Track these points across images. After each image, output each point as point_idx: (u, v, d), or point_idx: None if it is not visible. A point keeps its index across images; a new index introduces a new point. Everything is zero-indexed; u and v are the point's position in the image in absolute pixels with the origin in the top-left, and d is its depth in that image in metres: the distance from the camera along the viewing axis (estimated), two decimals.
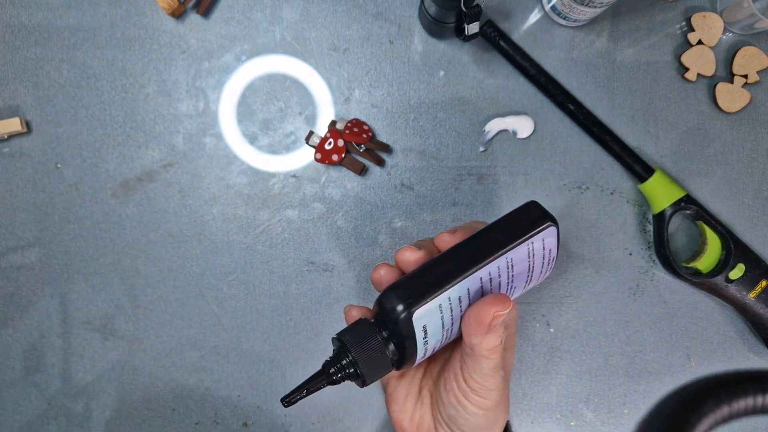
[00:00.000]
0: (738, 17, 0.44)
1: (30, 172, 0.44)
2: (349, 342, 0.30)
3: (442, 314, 0.30)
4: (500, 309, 0.30)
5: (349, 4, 0.45)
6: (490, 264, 0.30)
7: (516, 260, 0.31)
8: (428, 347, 0.31)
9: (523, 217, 0.32)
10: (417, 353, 0.31)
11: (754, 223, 0.45)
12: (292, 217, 0.45)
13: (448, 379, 0.34)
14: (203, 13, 0.44)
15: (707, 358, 0.46)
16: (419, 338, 0.30)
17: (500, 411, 0.35)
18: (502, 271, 0.31)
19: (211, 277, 0.45)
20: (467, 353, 0.32)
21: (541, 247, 0.32)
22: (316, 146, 0.43)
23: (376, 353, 0.30)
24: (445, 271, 0.30)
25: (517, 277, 0.32)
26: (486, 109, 0.45)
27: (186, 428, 0.44)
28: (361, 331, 0.30)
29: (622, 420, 0.45)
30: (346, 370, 0.30)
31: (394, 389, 0.38)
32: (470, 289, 0.30)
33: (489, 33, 0.43)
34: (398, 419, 0.38)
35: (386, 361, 0.30)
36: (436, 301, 0.29)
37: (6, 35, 0.44)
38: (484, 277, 0.30)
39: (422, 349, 0.31)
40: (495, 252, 0.30)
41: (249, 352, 0.45)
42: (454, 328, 0.32)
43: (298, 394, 0.29)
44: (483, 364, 0.32)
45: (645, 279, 0.46)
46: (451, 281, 0.30)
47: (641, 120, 0.45)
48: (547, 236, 0.32)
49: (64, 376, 0.44)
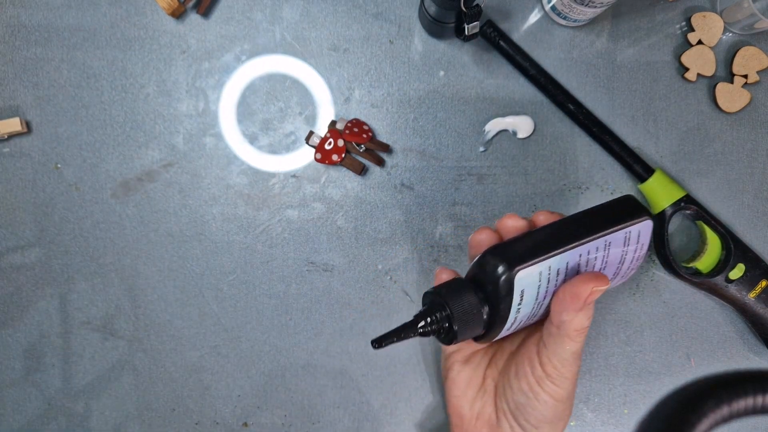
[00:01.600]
0: (738, 17, 0.44)
1: (30, 172, 0.44)
2: (447, 296, 0.30)
3: (539, 282, 0.30)
4: (598, 285, 0.29)
5: (349, 4, 0.45)
6: (590, 242, 0.30)
7: (613, 246, 0.31)
8: (517, 318, 0.31)
9: (621, 207, 0.32)
10: (507, 320, 0.30)
11: (754, 223, 0.45)
12: (292, 217, 0.45)
13: (521, 365, 0.34)
14: (203, 13, 0.44)
15: (707, 358, 0.46)
16: (515, 302, 0.29)
17: (567, 407, 0.34)
18: (599, 253, 0.31)
19: (211, 277, 0.45)
20: (551, 334, 0.31)
21: (636, 239, 0.32)
22: (316, 146, 0.43)
23: (473, 310, 0.30)
24: (548, 240, 0.30)
25: (610, 266, 0.32)
26: (486, 109, 0.45)
27: (186, 428, 0.44)
28: (458, 288, 0.30)
29: (622, 420, 0.45)
30: (441, 323, 0.30)
31: (456, 374, 0.38)
32: (569, 263, 0.30)
33: (489, 33, 0.43)
34: (457, 405, 0.37)
35: (480, 321, 0.30)
36: (538, 266, 0.29)
37: (6, 35, 0.44)
38: (583, 254, 0.31)
39: (513, 316, 0.30)
40: (597, 231, 0.31)
41: (249, 352, 0.45)
42: (544, 303, 0.31)
43: (389, 339, 0.29)
44: (566, 346, 0.31)
45: (645, 279, 0.46)
46: (554, 250, 0.30)
47: (641, 120, 0.45)
48: (643, 229, 0.32)
49: (64, 376, 0.44)
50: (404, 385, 0.45)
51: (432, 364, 0.45)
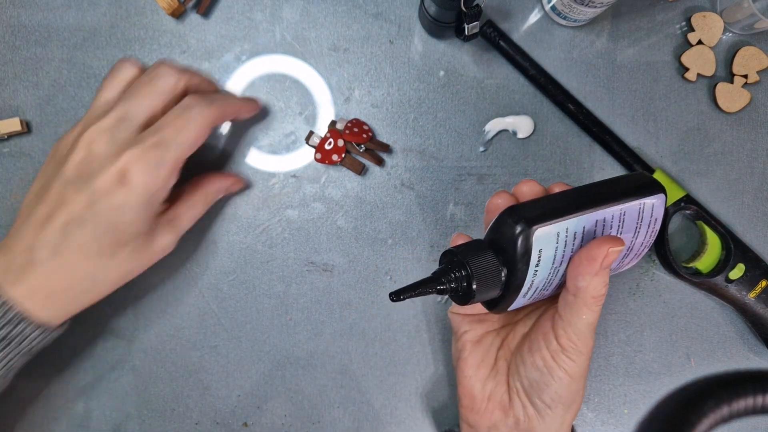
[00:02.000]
0: (738, 17, 0.44)
1: (30, 172, 0.44)
2: (467, 255, 0.30)
3: (557, 245, 0.30)
4: (614, 246, 0.29)
5: (349, 4, 0.45)
6: (606, 209, 0.31)
7: (627, 217, 0.32)
8: (534, 283, 0.31)
9: (636, 180, 0.33)
10: (524, 284, 0.30)
11: (754, 223, 0.45)
12: (292, 217, 0.45)
13: (535, 340, 0.33)
14: (203, 13, 0.44)
15: (707, 358, 0.46)
16: (532, 262, 0.29)
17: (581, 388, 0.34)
18: (614, 222, 0.31)
19: (211, 277, 0.45)
20: (567, 303, 0.31)
21: (650, 213, 0.32)
22: (317, 146, 0.43)
23: (492, 270, 0.30)
24: (565, 203, 0.30)
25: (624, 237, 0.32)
26: (486, 109, 0.45)
27: (186, 428, 0.44)
28: (478, 248, 0.30)
29: (622, 420, 0.45)
30: (459, 282, 0.30)
31: (468, 354, 0.37)
32: (585, 228, 0.30)
33: (489, 33, 0.43)
34: (469, 386, 0.37)
35: (498, 281, 0.30)
36: (555, 226, 0.29)
37: (6, 35, 0.44)
38: (599, 220, 0.31)
39: (529, 280, 0.30)
40: (613, 200, 0.31)
41: (249, 352, 0.45)
42: (560, 270, 0.31)
43: (408, 293, 0.29)
44: (582, 316, 0.31)
45: (645, 279, 0.46)
46: (572, 212, 0.30)
47: (641, 120, 0.45)
48: (657, 204, 0.32)
49: (64, 376, 0.44)
50: (404, 385, 0.45)
51: (432, 365, 0.45)
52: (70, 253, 0.34)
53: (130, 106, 0.35)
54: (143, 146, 0.33)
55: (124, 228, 0.34)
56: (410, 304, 0.45)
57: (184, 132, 0.35)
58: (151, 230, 0.37)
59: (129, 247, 0.36)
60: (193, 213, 0.40)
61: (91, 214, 0.33)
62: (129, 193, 0.33)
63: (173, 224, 0.38)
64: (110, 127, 0.34)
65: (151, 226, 0.36)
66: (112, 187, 0.33)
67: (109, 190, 0.33)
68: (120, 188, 0.33)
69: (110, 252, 0.35)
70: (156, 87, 0.36)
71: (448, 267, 0.30)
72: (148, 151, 0.33)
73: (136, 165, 0.33)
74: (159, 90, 0.36)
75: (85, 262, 0.34)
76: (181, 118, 0.35)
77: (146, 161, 0.33)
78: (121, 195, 0.33)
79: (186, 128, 0.35)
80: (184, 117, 0.35)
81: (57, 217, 0.34)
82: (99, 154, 0.34)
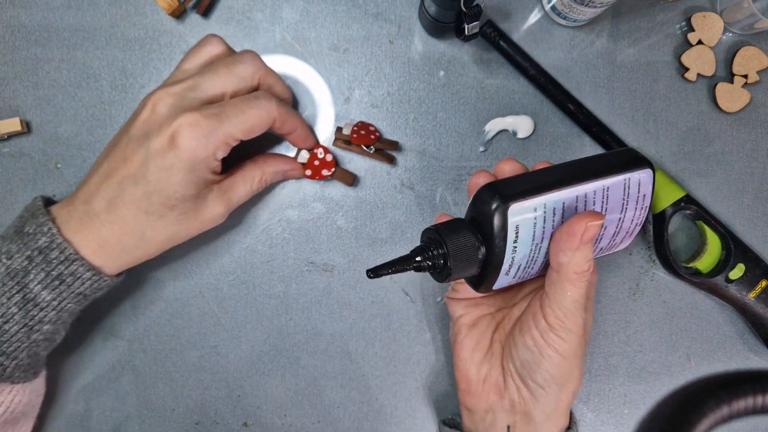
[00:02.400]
0: (738, 17, 0.44)
1: (30, 172, 0.44)
2: (445, 233, 0.30)
3: (535, 221, 0.30)
4: (593, 219, 0.29)
5: (349, 4, 0.45)
6: (587, 184, 0.30)
7: (612, 192, 0.31)
8: (515, 260, 0.31)
9: (622, 156, 0.32)
10: (504, 260, 0.30)
11: (754, 223, 0.45)
12: (292, 217, 0.45)
13: (525, 320, 0.34)
14: (203, 13, 0.44)
15: (707, 358, 0.46)
16: (510, 239, 0.30)
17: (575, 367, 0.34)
18: (597, 198, 0.31)
19: (211, 277, 0.45)
20: (552, 281, 0.31)
21: (637, 189, 0.32)
22: (306, 163, 0.43)
23: (468, 246, 0.30)
24: (544, 179, 0.31)
25: (610, 213, 0.32)
26: (486, 109, 0.45)
27: (186, 428, 0.44)
28: (456, 226, 0.31)
29: (622, 420, 0.45)
30: (437, 260, 0.30)
31: (464, 337, 0.38)
32: (565, 204, 0.30)
33: (489, 33, 0.43)
34: (464, 369, 0.38)
35: (475, 259, 0.30)
36: (532, 202, 0.29)
37: (6, 35, 0.44)
38: (580, 196, 0.31)
39: (509, 257, 0.30)
40: (595, 175, 0.31)
41: (249, 352, 0.45)
42: (542, 247, 0.31)
43: (385, 270, 0.30)
44: (567, 292, 0.31)
45: (645, 279, 0.46)
46: (550, 188, 0.30)
47: (641, 120, 0.45)
48: (644, 179, 0.32)
49: (65, 376, 0.44)
50: (404, 385, 0.45)
51: (433, 365, 0.45)
52: (123, 207, 0.35)
53: (203, 80, 0.36)
54: (200, 114, 0.34)
55: (173, 190, 0.35)
56: (410, 304, 0.45)
57: (244, 115, 0.36)
58: (201, 197, 0.37)
59: (177, 210, 0.36)
60: (247, 188, 0.40)
61: (144, 173, 0.34)
62: (176, 156, 0.34)
63: (226, 196, 0.39)
64: (178, 93, 0.35)
65: (201, 192, 0.37)
66: (164, 148, 0.34)
67: (160, 151, 0.34)
68: (170, 150, 0.34)
69: (159, 212, 0.36)
70: (234, 70, 0.37)
71: (425, 245, 0.31)
72: (203, 120, 0.34)
73: (187, 129, 0.34)
74: (236, 74, 0.37)
75: (135, 218, 0.35)
76: (246, 103, 0.36)
77: (198, 127, 0.34)
78: (169, 157, 0.34)
79: (247, 113, 0.36)
80: (248, 103, 0.36)
81: (117, 173, 0.35)
82: (161, 116, 0.35)
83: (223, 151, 0.36)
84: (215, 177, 0.38)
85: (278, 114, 0.37)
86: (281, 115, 0.38)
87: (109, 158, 0.36)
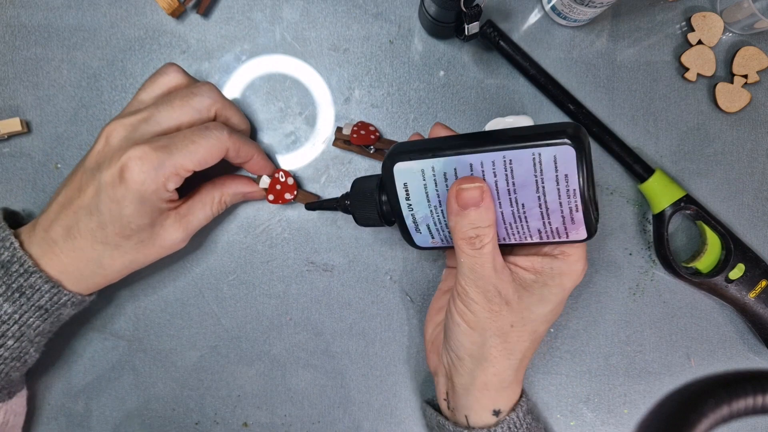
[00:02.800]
0: (738, 17, 0.44)
1: (30, 173, 0.44)
2: (358, 181, 0.37)
3: (424, 182, 0.32)
4: (464, 183, 0.30)
5: (349, 4, 0.45)
6: (481, 153, 0.30)
7: (516, 165, 0.29)
8: (417, 219, 0.34)
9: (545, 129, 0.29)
10: (404, 216, 0.34)
11: (753, 223, 0.45)
12: (292, 217, 0.45)
13: None
14: (203, 13, 0.44)
15: (707, 358, 0.46)
16: (401, 195, 0.33)
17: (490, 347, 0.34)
18: (498, 169, 0.30)
19: (211, 277, 0.45)
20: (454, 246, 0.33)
21: (552, 167, 0.28)
22: (268, 188, 0.43)
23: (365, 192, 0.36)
24: (439, 144, 0.31)
25: (522, 191, 0.30)
26: (486, 109, 0.45)
27: (186, 428, 0.44)
28: (369, 177, 0.37)
29: (622, 420, 0.45)
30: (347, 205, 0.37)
31: (435, 299, 0.42)
32: (458, 170, 0.31)
33: (489, 33, 0.43)
34: (424, 329, 0.42)
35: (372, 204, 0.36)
36: (418, 163, 0.31)
37: (6, 35, 0.44)
38: (475, 164, 0.30)
39: (408, 214, 0.34)
40: (491, 144, 0.29)
41: (249, 352, 0.45)
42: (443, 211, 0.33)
43: (317, 207, 0.40)
44: (461, 258, 0.32)
45: (645, 279, 0.46)
46: (439, 152, 0.31)
47: (641, 120, 0.45)
48: (562, 156, 0.28)
49: (64, 376, 0.44)
50: (404, 385, 0.45)
51: None
52: (80, 237, 0.35)
53: (158, 112, 0.36)
54: (149, 146, 0.34)
55: (126, 221, 0.35)
56: (410, 304, 0.45)
57: (194, 145, 0.35)
58: (158, 224, 0.37)
59: (133, 239, 0.36)
60: (206, 212, 0.40)
61: (97, 204, 0.34)
62: (125, 188, 0.34)
63: (185, 220, 0.39)
64: (131, 124, 0.35)
65: (157, 220, 0.37)
66: (114, 180, 0.34)
67: (111, 183, 0.34)
68: (120, 183, 0.34)
69: (114, 242, 0.36)
70: (190, 102, 0.37)
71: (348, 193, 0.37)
72: (152, 152, 0.34)
73: (136, 162, 0.33)
74: (192, 106, 0.37)
75: (91, 247, 0.36)
76: (196, 134, 0.36)
77: (146, 160, 0.33)
78: (120, 190, 0.34)
79: (197, 143, 0.35)
80: (199, 133, 0.36)
81: (73, 203, 0.35)
82: (112, 147, 0.35)
83: (175, 182, 0.35)
84: (170, 204, 0.37)
85: (231, 144, 0.37)
86: (234, 144, 0.37)
87: (66, 187, 0.36)
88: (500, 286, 0.33)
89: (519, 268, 0.34)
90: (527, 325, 0.35)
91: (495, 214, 0.31)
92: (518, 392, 0.38)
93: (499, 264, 0.33)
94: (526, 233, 0.32)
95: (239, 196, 0.42)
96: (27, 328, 0.36)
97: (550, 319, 0.35)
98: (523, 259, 0.34)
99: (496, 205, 0.31)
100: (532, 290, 0.34)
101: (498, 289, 0.33)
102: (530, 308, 0.34)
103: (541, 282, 0.34)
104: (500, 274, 0.33)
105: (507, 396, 0.37)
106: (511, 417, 0.36)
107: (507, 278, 0.33)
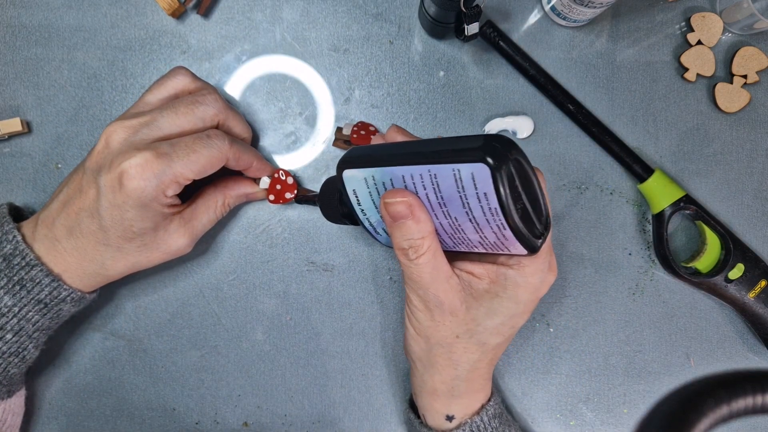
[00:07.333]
0: (737, 17, 0.44)
1: (30, 173, 0.44)
2: (323, 184, 0.39)
3: (368, 189, 0.32)
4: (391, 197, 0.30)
5: (349, 4, 0.45)
6: (410, 166, 0.29)
7: (441, 180, 0.28)
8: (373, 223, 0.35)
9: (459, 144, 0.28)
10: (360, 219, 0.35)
11: (753, 223, 0.46)
12: (292, 217, 0.45)
13: None
14: (203, 14, 0.44)
15: (707, 358, 0.46)
16: (353, 200, 0.34)
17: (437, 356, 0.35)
18: (427, 182, 0.29)
19: (211, 277, 0.45)
20: None
21: (472, 185, 0.27)
22: (268, 188, 0.43)
23: (328, 193, 0.38)
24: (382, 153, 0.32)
25: (450, 205, 0.29)
26: (486, 109, 0.45)
27: (186, 428, 0.44)
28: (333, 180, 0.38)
29: (622, 420, 0.45)
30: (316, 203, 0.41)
31: None
32: (393, 181, 0.31)
33: (489, 33, 0.44)
34: None
35: (333, 203, 0.37)
36: (361, 172, 0.32)
37: (6, 35, 0.44)
38: (406, 176, 0.30)
39: (363, 218, 0.35)
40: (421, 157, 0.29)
41: (249, 352, 0.45)
42: None
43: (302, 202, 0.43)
44: (402, 267, 0.33)
45: (645, 279, 0.46)
46: (376, 163, 0.31)
47: (641, 120, 0.45)
48: (478, 174, 0.27)
49: (64, 376, 0.44)
50: (404, 386, 0.45)
51: None
52: (82, 237, 0.35)
53: (161, 117, 0.36)
54: (150, 153, 0.33)
55: (128, 224, 0.35)
56: None
57: (195, 155, 0.35)
58: (161, 228, 0.37)
59: (136, 242, 0.36)
60: (210, 215, 0.40)
61: (97, 207, 0.34)
62: (125, 194, 0.34)
63: (189, 225, 0.39)
64: (132, 127, 0.35)
65: (160, 224, 0.37)
66: (113, 186, 0.34)
67: (110, 188, 0.34)
68: (119, 189, 0.34)
69: (117, 244, 0.36)
70: (195, 111, 0.36)
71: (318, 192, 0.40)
72: (153, 159, 0.33)
73: (135, 169, 0.33)
74: (195, 114, 0.36)
75: (94, 248, 0.36)
76: (197, 142, 0.35)
77: (147, 168, 0.33)
78: (119, 195, 0.34)
79: (198, 152, 0.35)
80: (200, 142, 0.35)
81: (74, 203, 0.35)
82: (112, 150, 0.35)
83: (174, 190, 0.35)
84: (172, 209, 0.37)
85: (231, 153, 0.37)
86: (234, 153, 0.37)
87: (68, 186, 0.36)
88: (442, 296, 0.32)
89: (473, 276, 0.33)
90: (474, 337, 0.34)
91: (429, 225, 0.30)
92: (481, 399, 0.38)
93: (443, 273, 0.32)
94: (469, 243, 0.31)
95: (243, 197, 0.42)
96: (26, 322, 0.36)
97: (502, 331, 0.34)
98: (478, 266, 0.33)
99: (433, 216, 0.30)
100: (481, 301, 0.33)
101: (440, 299, 0.32)
102: (477, 320, 0.33)
103: (493, 293, 0.33)
104: (442, 283, 0.32)
105: (463, 404, 0.37)
106: (474, 420, 0.36)
107: (453, 288, 0.32)
